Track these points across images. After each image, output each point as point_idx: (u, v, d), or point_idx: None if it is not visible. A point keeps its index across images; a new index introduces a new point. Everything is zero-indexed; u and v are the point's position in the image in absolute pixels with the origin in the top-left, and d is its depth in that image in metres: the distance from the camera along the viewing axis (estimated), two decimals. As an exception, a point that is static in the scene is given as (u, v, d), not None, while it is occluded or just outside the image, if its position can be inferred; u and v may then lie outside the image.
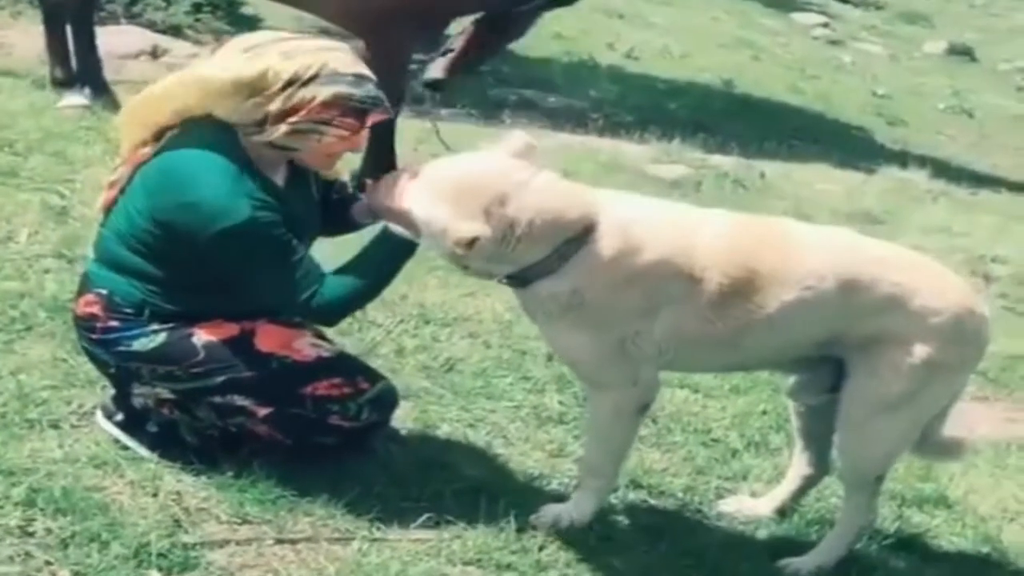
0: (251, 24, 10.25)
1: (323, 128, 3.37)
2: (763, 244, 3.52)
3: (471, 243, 3.25)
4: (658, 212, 3.59)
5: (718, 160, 8.84)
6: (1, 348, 3.94)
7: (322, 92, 3.32)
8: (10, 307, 4.17)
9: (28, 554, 3.00)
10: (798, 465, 3.98)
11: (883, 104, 17.28)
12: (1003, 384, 6.03)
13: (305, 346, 3.57)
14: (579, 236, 3.37)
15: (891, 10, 28.26)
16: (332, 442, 3.60)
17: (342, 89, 3.34)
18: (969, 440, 4.08)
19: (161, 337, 3.45)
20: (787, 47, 20.46)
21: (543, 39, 14.10)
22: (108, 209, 3.55)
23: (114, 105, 6.70)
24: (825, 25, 23.82)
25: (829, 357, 3.64)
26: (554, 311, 3.44)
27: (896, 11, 28.28)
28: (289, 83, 3.31)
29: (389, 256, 3.47)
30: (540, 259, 3.38)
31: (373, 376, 3.67)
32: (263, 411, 3.49)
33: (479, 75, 11.06)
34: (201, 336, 3.46)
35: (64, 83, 6.69)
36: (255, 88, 3.32)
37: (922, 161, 12.49)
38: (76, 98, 6.57)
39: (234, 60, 3.36)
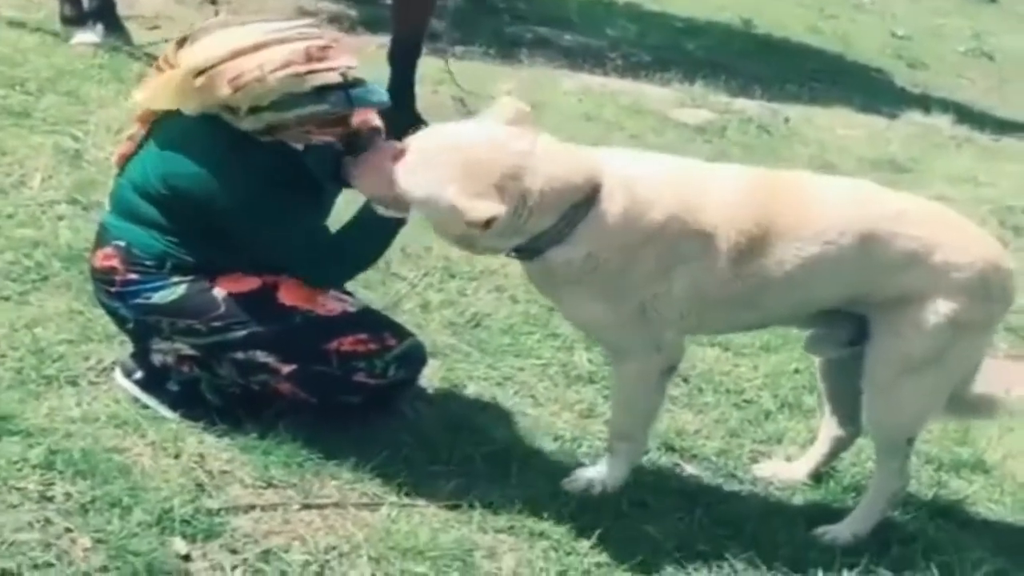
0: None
1: (308, 136, 3.30)
2: (778, 199, 3.40)
3: (489, 223, 3.12)
4: (663, 168, 3.45)
5: (742, 104, 8.68)
6: (16, 300, 3.83)
7: (287, 116, 3.21)
8: (24, 256, 4.05)
9: (48, 520, 2.92)
10: (828, 427, 3.89)
11: (903, 46, 17.05)
12: (1038, 343, 5.94)
13: (330, 300, 3.47)
14: (585, 200, 3.24)
15: (910, -52, 27.97)
16: (358, 401, 3.51)
17: (305, 111, 3.21)
18: (1002, 398, 3.97)
19: (181, 289, 3.35)
20: (807, -15, 20.33)
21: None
22: (125, 161, 3.43)
23: (127, 42, 6.56)
24: (844, -37, 23.68)
25: (849, 313, 3.53)
26: (570, 278, 3.30)
27: (916, -51, 27.98)
28: (251, 110, 3.20)
29: (375, 235, 3.38)
30: (548, 227, 3.23)
31: (400, 332, 3.57)
32: (286, 368, 3.40)
33: (495, 12, 10.88)
34: (221, 289, 3.37)
35: (74, 21, 6.49)
36: (224, 110, 3.22)
37: (944, 105, 12.31)
38: (88, 36, 6.39)
39: (191, 87, 3.21)
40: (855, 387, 3.61)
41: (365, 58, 6.79)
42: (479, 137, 3.26)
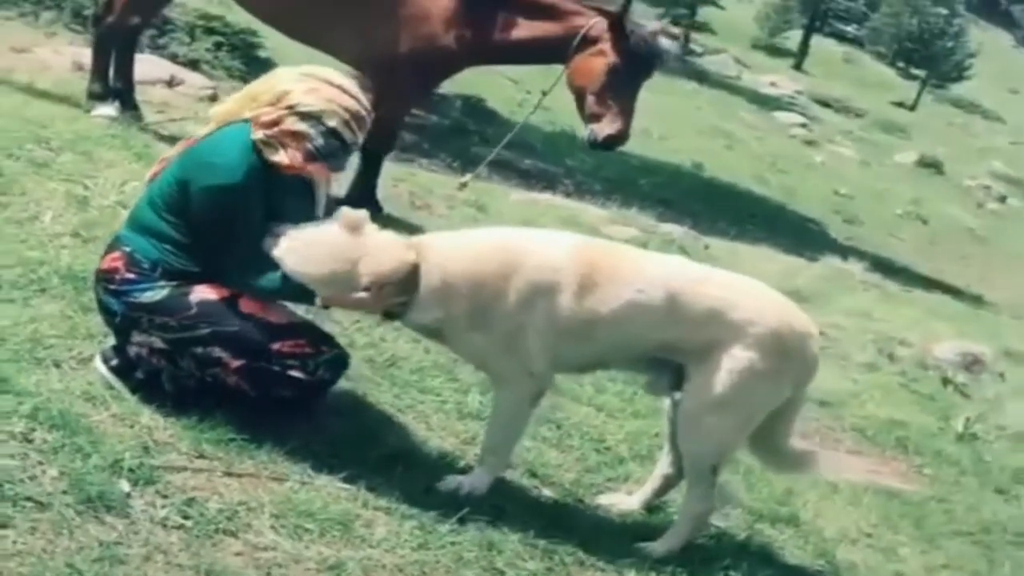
0: (264, 66, 10.95)
1: (279, 147, 4.10)
2: (601, 254, 4.23)
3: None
4: (480, 238, 4.32)
5: (668, 228, 9.50)
6: (20, 303, 4.57)
7: (296, 125, 4.09)
8: (30, 271, 4.80)
9: (26, 455, 3.62)
10: (661, 465, 4.62)
11: (843, 203, 18.02)
12: (877, 443, 6.70)
13: (279, 312, 4.22)
14: (411, 276, 4.06)
15: (870, 118, 29.16)
16: (289, 395, 4.21)
17: (310, 131, 4.10)
18: (816, 453, 4.67)
19: (164, 292, 4.11)
20: (762, 141, 21.26)
21: (529, 107, 14.81)
22: (153, 179, 4.25)
23: (139, 119, 7.43)
24: (804, 126, 24.77)
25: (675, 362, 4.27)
26: (441, 327, 4.15)
27: (874, 119, 29.17)
28: (289, 107, 4.10)
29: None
30: (396, 300, 4.08)
31: (331, 343, 4.32)
32: (235, 363, 4.11)
33: (466, 134, 11.80)
34: (197, 294, 4.12)
35: (99, 96, 7.41)
36: (275, 99, 4.12)
37: (864, 256, 13.12)
38: (107, 110, 7.30)
39: (285, 76, 4.20)
40: (685, 430, 4.34)
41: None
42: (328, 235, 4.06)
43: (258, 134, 4.09)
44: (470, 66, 7.60)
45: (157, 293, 4.11)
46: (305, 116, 4.09)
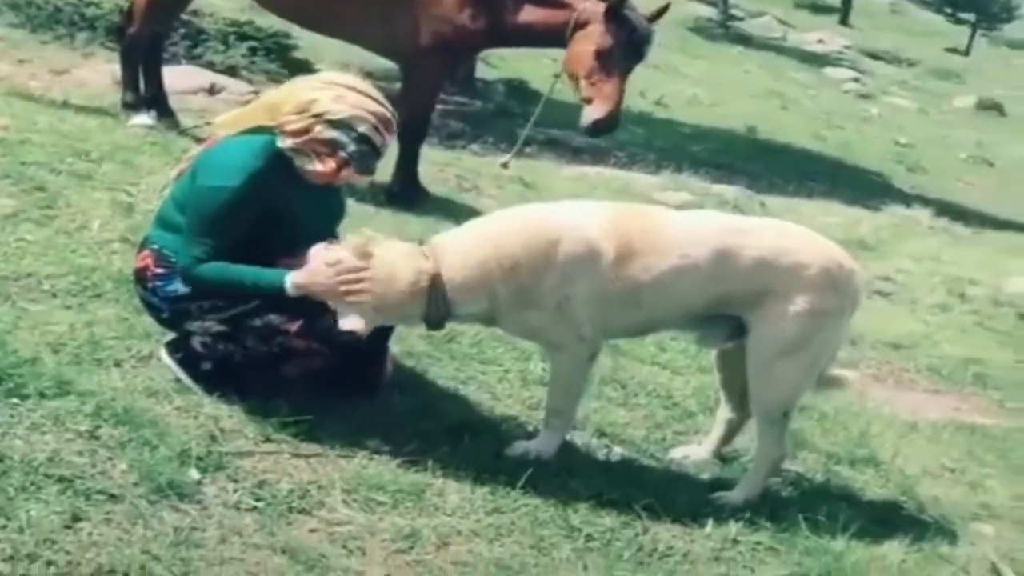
0: (301, 67, 11.13)
1: (310, 155, 4.20)
2: (637, 220, 4.27)
3: None
4: (487, 222, 4.37)
5: (721, 189, 9.51)
6: (76, 308, 4.70)
7: (327, 133, 4.17)
8: (84, 278, 4.93)
9: (94, 451, 3.72)
10: (723, 412, 4.66)
11: (904, 152, 17.85)
12: (955, 381, 6.71)
13: None
14: (433, 284, 4.11)
15: (923, 66, 28.95)
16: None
17: (341, 138, 4.18)
18: (851, 375, 4.74)
19: None
20: (816, 99, 21.17)
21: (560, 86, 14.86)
22: (179, 177, 4.39)
23: (176, 125, 7.57)
24: (856, 80, 24.62)
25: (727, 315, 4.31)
26: (494, 312, 4.21)
27: (928, 67, 28.97)
28: (317, 115, 4.17)
29: (257, 285, 4.14)
30: (426, 308, 4.14)
31: None
32: (295, 325, 4.23)
33: (511, 116, 11.85)
34: None
35: (133, 106, 7.59)
36: (300, 108, 4.19)
37: (930, 203, 12.98)
38: (143, 118, 7.46)
39: (306, 85, 4.29)
40: (742, 377, 4.39)
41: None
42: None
43: (287, 143, 4.19)
44: (487, 48, 7.71)
45: None
46: (335, 124, 4.17)
